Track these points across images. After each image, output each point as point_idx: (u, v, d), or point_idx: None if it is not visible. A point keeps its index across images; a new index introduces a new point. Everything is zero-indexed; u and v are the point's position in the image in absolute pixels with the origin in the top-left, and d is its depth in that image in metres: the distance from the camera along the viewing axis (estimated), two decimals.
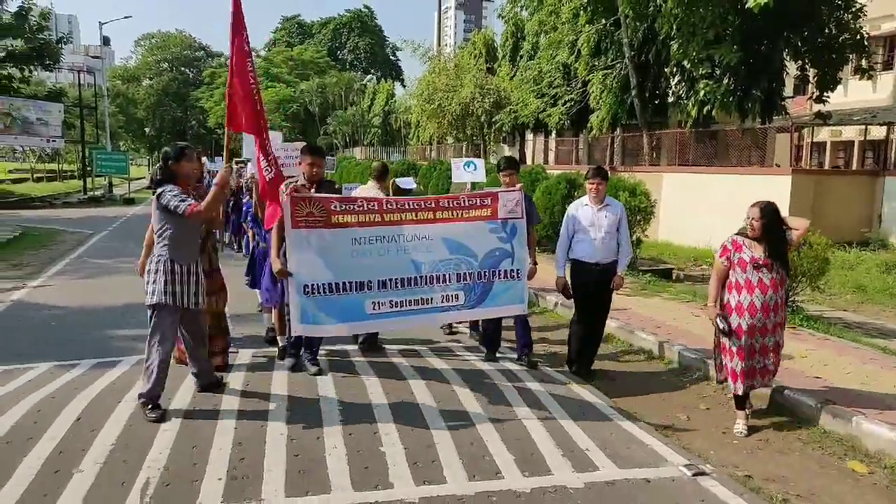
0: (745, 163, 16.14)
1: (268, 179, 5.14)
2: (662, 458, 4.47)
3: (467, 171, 8.66)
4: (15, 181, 42.31)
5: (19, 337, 7.11)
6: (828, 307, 10.07)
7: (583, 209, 6.08)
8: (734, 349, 5.05)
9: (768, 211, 4.95)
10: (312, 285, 5.01)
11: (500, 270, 5.52)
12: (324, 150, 6.08)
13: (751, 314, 4.97)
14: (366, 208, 5.16)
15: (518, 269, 5.59)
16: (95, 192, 32.71)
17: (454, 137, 28.93)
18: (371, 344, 6.76)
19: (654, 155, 19.57)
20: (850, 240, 13.66)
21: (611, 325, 7.90)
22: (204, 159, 10.17)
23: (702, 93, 15.05)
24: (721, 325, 5.07)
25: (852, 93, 20.42)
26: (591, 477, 4.14)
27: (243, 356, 6.35)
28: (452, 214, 5.39)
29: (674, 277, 12.17)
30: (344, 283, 5.08)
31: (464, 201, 5.45)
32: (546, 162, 26.45)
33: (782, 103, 16.05)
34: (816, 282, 8.12)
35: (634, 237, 12.03)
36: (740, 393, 5.09)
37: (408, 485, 3.93)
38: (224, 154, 5.22)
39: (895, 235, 13.91)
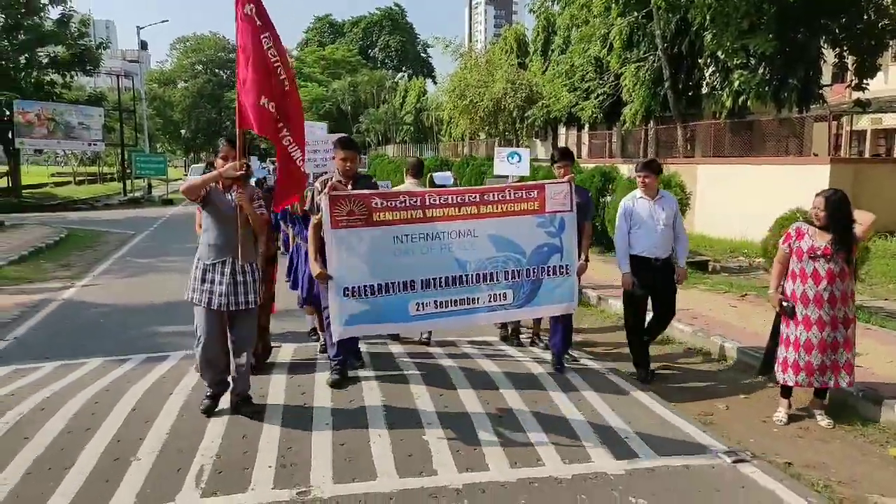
0: (782, 153, 15.88)
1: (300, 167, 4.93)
2: (702, 446, 4.51)
3: (511, 163, 8.18)
4: (57, 184, 43.54)
5: (71, 333, 7.39)
6: (869, 296, 9.91)
7: (639, 202, 5.91)
8: (791, 338, 5.04)
9: (833, 201, 4.88)
10: (353, 287, 4.78)
11: (549, 267, 5.24)
12: (357, 142, 5.84)
13: (803, 304, 4.96)
14: (408, 204, 4.92)
15: (568, 265, 5.29)
16: (135, 194, 33.49)
17: (486, 133, 28.95)
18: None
19: (689, 147, 19.37)
20: (892, 229, 13.38)
21: (679, 329, 7.92)
22: (253, 159, 10.06)
23: (736, 83, 14.88)
24: (786, 305, 5.07)
25: (893, 79, 19.93)
26: (631, 465, 4.21)
27: (286, 351, 6.52)
28: (498, 209, 5.12)
29: (710, 269, 12.07)
30: (387, 284, 4.85)
31: (509, 194, 5.18)
32: (579, 156, 26.32)
33: (819, 92, 15.75)
34: (857, 271, 8.02)
35: None
36: (786, 383, 5.09)
37: (451, 471, 4.05)
38: (237, 150, 4.74)
39: None
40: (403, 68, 73.06)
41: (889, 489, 4.04)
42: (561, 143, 28.92)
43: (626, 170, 17.43)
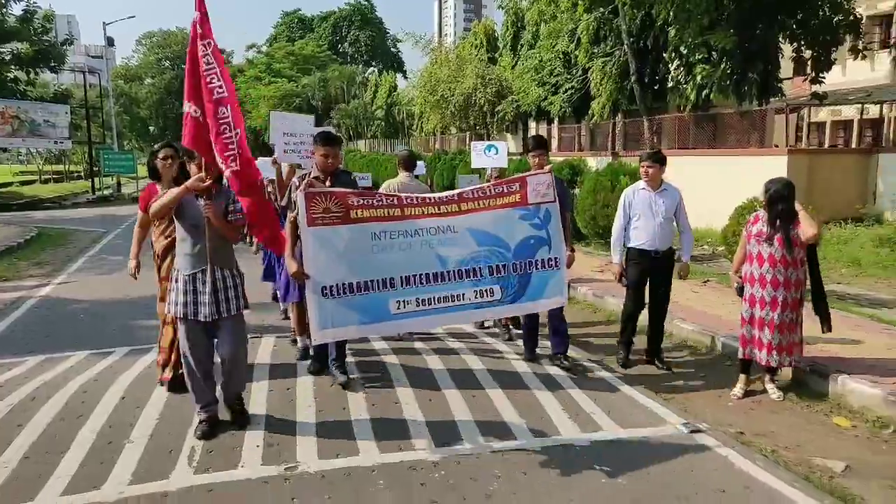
0: (744, 144, 16.41)
1: (228, 175, 4.43)
2: (661, 419, 4.86)
3: (487, 156, 8.21)
4: (23, 183, 42.84)
5: (52, 329, 7.51)
6: (823, 279, 10.41)
7: (640, 193, 5.87)
8: (745, 316, 5.40)
9: (771, 187, 5.23)
10: (332, 286, 4.66)
11: (536, 260, 5.08)
12: (340, 137, 5.59)
13: (751, 284, 5.32)
14: (385, 203, 4.81)
15: (557, 258, 5.13)
16: (104, 192, 33.17)
17: (457, 128, 29.21)
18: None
19: (656, 139, 19.84)
20: (847, 216, 13.97)
21: (610, 302, 8.31)
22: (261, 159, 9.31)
23: (698, 77, 15.36)
24: (734, 285, 5.53)
25: (850, 72, 20.62)
26: (595, 436, 4.54)
27: (266, 344, 6.72)
28: (479, 204, 4.99)
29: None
30: (365, 282, 4.72)
31: (489, 190, 5.03)
32: (549, 149, 26.76)
33: (778, 85, 16.31)
34: (811, 264, 8.47)
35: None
36: (741, 356, 5.46)
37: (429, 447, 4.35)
38: (214, 141, 4.36)
39: (890, 211, 14.20)
40: (374, 63, 72.97)
41: (831, 453, 4.38)
42: (528, 138, 29.37)
43: (594, 162, 17.87)
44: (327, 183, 5.15)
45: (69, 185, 44.30)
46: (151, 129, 69.56)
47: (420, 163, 14.02)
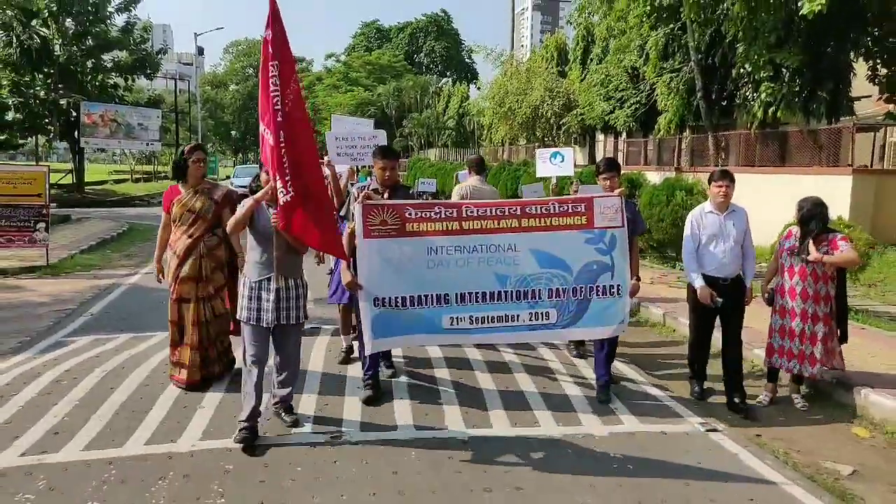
0: (813, 163, 16.20)
1: (282, 202, 4.33)
2: (680, 417, 5.21)
3: (553, 164, 7.95)
4: (116, 181, 45.59)
5: (139, 311, 8.38)
6: (880, 302, 10.35)
7: (708, 216, 5.52)
8: (773, 326, 5.67)
9: (804, 206, 5.46)
10: (385, 298, 4.69)
11: (598, 286, 4.96)
12: (398, 151, 5.72)
13: (781, 296, 5.57)
14: (444, 215, 4.79)
15: (619, 285, 4.98)
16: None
17: (525, 139, 29.61)
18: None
19: (724, 156, 19.74)
20: None
21: (681, 322, 8.49)
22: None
23: (763, 95, 15.31)
24: (765, 296, 5.70)
25: None
26: (615, 429, 4.95)
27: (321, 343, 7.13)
28: (541, 222, 4.90)
29: None
30: (420, 297, 4.74)
31: (554, 207, 4.94)
32: (620, 171, 26.80)
33: (849, 104, 16.05)
34: (857, 276, 8.55)
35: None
36: (772, 366, 5.69)
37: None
38: (271, 168, 4.45)
39: None
40: (448, 73, 73.99)
41: (843, 458, 4.62)
42: (599, 150, 29.44)
43: (657, 177, 17.97)
44: (385, 196, 5.16)
45: (157, 184, 46.81)
46: (234, 133, 72.70)
47: (432, 180, 14.47)
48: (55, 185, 19.75)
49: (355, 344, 6.03)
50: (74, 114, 29.50)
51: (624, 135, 26.60)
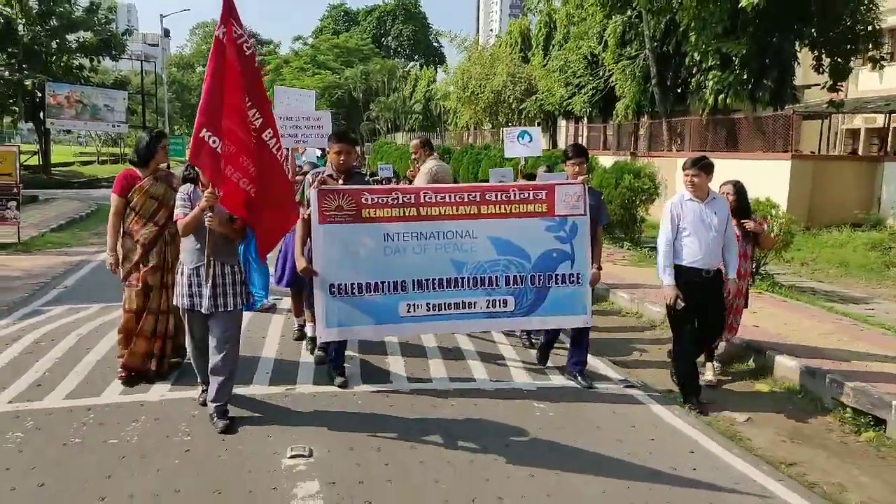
0: (759, 149, 17.06)
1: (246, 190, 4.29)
2: (605, 376, 5.80)
3: (521, 144, 7.76)
4: (83, 163, 45.15)
5: (108, 285, 8.75)
6: (808, 278, 11.19)
7: (688, 204, 5.21)
8: None
9: (740, 189, 5.83)
10: (340, 285, 4.67)
11: (556, 275, 4.93)
12: (352, 136, 5.60)
13: None
14: (401, 201, 4.75)
15: (579, 273, 4.96)
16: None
17: (490, 123, 30.20)
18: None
19: (679, 142, 20.57)
20: (848, 222, 14.59)
21: (620, 296, 8.74)
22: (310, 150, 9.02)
23: (711, 83, 16.11)
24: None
25: (863, 83, 21.00)
26: (545, 383, 5.55)
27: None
28: (501, 209, 4.85)
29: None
30: (375, 284, 4.72)
31: (514, 194, 4.89)
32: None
33: (793, 92, 16.94)
34: (781, 253, 9.38)
35: (638, 216, 13.26)
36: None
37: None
38: (201, 174, 4.35)
39: (893, 218, 14.76)
40: (416, 57, 74.10)
41: (743, 409, 5.23)
42: (560, 135, 30.16)
43: (613, 162, 18.68)
44: (340, 181, 5.08)
45: (123, 166, 46.50)
46: None
47: (389, 166, 14.83)
48: (21, 167, 19.86)
49: (309, 327, 5.94)
50: (39, 94, 29.28)
51: (585, 120, 27.34)
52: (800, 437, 4.85)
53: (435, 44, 76.64)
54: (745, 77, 16.25)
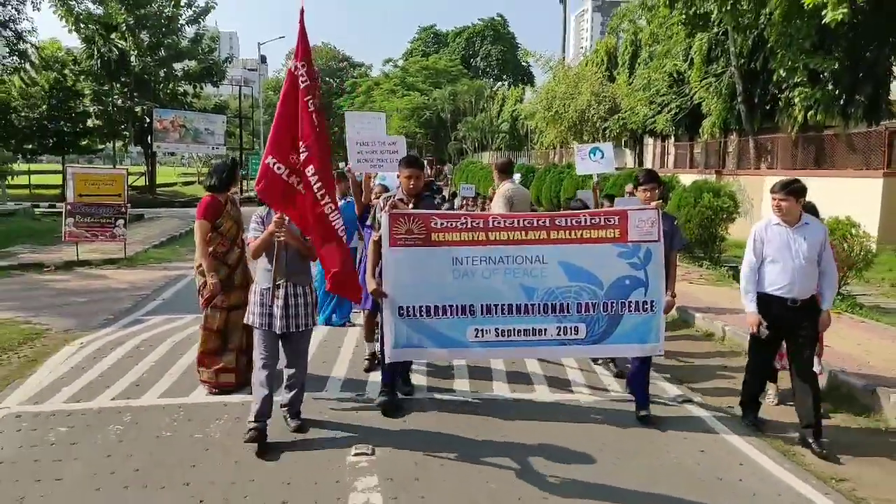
0: (851, 166, 16.37)
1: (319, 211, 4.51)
2: (664, 391, 5.90)
3: (593, 161, 7.64)
4: (184, 184, 48.08)
5: None
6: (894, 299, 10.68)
7: (773, 229, 4.93)
8: None
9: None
10: (409, 307, 4.73)
11: (629, 302, 4.82)
12: (422, 161, 5.65)
13: None
14: (470, 226, 4.78)
15: (653, 301, 4.84)
16: (250, 193, 36.90)
17: (575, 142, 30.21)
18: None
19: (769, 159, 19.98)
20: None
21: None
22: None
23: (797, 99, 15.65)
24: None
25: None
26: (602, 397, 5.72)
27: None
28: (572, 234, 4.79)
29: None
30: (444, 307, 4.74)
31: (585, 220, 4.83)
32: (663, 166, 27.14)
33: (888, 108, 16.19)
34: (862, 273, 9.11)
35: (718, 235, 13.02)
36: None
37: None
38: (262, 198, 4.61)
39: None
40: (504, 77, 74.61)
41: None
42: (647, 154, 29.79)
43: (699, 180, 18.34)
44: (410, 205, 5.11)
45: None
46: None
47: (471, 185, 15.18)
48: (129, 187, 21.68)
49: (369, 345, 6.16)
50: (148, 120, 31.64)
51: (672, 138, 26.92)
52: (856, 454, 4.79)
53: (523, 63, 77.09)
54: (836, 93, 15.69)
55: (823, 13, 12.00)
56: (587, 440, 4.82)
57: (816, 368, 5.28)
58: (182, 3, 31.98)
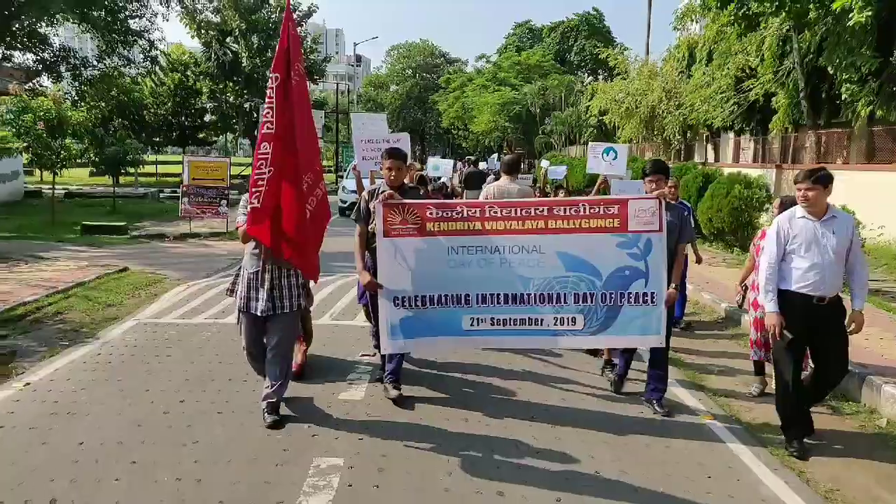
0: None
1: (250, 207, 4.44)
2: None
3: (605, 160, 7.46)
4: None
5: None
6: None
7: (797, 221, 4.59)
8: (752, 320, 5.77)
9: (787, 202, 5.35)
10: (404, 297, 4.69)
11: (629, 293, 4.73)
12: (405, 153, 5.43)
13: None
14: (465, 215, 4.73)
15: (653, 293, 4.73)
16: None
17: (650, 137, 30.94)
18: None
19: (845, 153, 20.35)
20: None
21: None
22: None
23: (843, 95, 16.21)
24: (736, 298, 6.09)
25: None
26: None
27: None
28: (569, 224, 4.69)
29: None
30: (439, 296, 4.71)
31: (583, 209, 4.72)
32: (738, 160, 27.55)
33: None
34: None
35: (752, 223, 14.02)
36: (754, 358, 5.79)
37: None
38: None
39: None
40: (599, 72, 74.59)
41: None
42: (724, 149, 30.05)
43: (756, 173, 19.10)
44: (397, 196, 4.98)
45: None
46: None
47: (562, 167, 16.49)
48: (237, 176, 24.74)
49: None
50: (255, 115, 35.01)
51: (748, 134, 27.24)
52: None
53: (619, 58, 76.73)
54: (889, 89, 16.11)
55: (850, 15, 12.74)
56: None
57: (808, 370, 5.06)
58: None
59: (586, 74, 70.96)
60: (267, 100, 4.37)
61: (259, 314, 4.62)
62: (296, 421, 4.90)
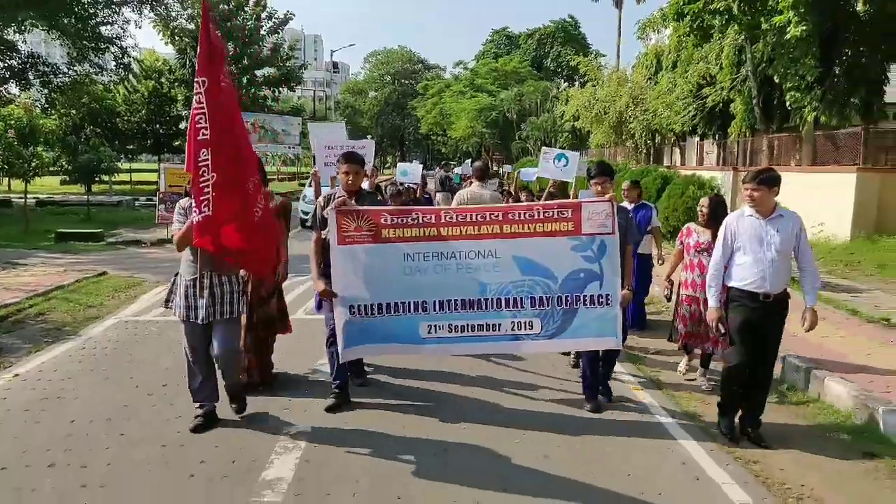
0: (832, 162, 17.64)
1: (194, 221, 4.26)
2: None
3: (555, 166, 7.45)
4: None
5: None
6: (840, 279, 12.16)
7: (744, 220, 4.80)
8: (685, 314, 6.11)
9: (716, 203, 5.91)
10: (360, 306, 4.66)
11: (585, 296, 4.79)
12: (361, 156, 5.33)
13: (692, 288, 5.97)
14: (421, 221, 4.70)
15: (608, 294, 4.80)
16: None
17: (617, 143, 31.90)
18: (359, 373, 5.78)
19: (798, 156, 21.34)
20: None
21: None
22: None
23: (787, 103, 17.18)
24: (665, 292, 6.34)
25: None
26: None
27: None
28: (525, 228, 4.74)
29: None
30: (395, 304, 4.68)
31: (538, 213, 4.78)
32: (701, 163, 28.58)
33: (882, 109, 17.50)
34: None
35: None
36: (682, 346, 6.37)
37: None
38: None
39: None
40: (575, 78, 75.64)
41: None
42: (689, 152, 31.09)
43: (720, 176, 19.97)
44: (352, 202, 4.97)
45: (297, 184, 53.11)
46: (370, 136, 78.79)
47: (534, 170, 17.21)
48: None
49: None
50: None
51: (711, 138, 28.28)
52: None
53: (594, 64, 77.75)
54: (831, 97, 17.07)
55: (788, 29, 13.65)
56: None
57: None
58: (262, 17, 35.71)
59: (562, 80, 72.00)
60: (196, 105, 4.24)
61: (200, 322, 4.64)
62: (266, 394, 5.58)
